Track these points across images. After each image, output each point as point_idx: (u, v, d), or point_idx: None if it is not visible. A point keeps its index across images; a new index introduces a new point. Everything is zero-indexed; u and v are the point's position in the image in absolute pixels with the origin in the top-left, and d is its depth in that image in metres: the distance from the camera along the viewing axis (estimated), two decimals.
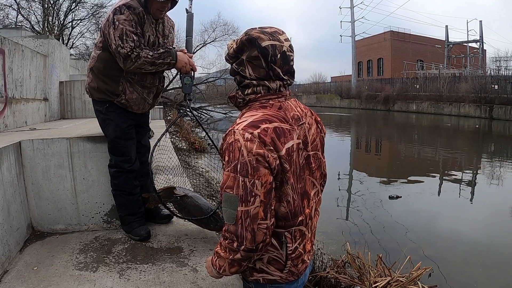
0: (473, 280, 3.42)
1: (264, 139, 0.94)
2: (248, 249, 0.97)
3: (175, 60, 2.04)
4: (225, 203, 0.96)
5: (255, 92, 1.03)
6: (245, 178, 0.93)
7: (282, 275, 1.07)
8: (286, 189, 1.00)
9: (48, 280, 1.73)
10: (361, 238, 4.22)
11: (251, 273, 1.08)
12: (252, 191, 0.93)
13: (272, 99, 1.03)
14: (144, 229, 2.20)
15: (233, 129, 0.98)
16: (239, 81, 1.06)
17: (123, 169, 2.17)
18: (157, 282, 1.73)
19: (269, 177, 0.95)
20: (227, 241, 0.99)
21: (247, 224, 0.94)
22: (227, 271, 1.03)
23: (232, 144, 0.95)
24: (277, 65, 1.01)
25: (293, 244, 1.04)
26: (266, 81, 1.02)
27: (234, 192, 0.94)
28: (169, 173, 2.62)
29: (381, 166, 9.71)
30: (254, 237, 0.95)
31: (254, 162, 0.93)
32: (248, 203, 0.93)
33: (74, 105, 5.15)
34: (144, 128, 2.37)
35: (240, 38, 1.04)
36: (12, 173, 2.07)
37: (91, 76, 2.14)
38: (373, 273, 2.32)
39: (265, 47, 0.99)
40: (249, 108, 1.05)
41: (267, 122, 0.97)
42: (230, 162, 0.95)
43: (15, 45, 3.55)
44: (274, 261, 1.05)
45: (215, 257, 1.06)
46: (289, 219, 1.02)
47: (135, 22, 1.97)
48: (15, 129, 3.32)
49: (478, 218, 5.33)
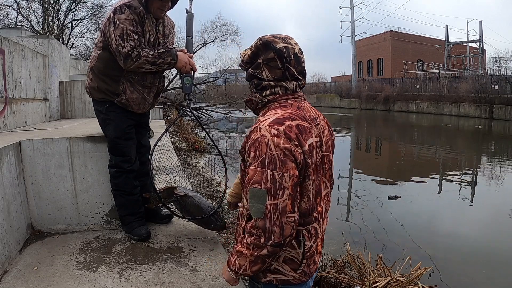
0: (473, 280, 3.42)
1: (290, 135, 0.98)
2: (276, 243, 0.98)
3: (175, 60, 2.04)
4: (253, 198, 0.98)
5: (274, 93, 1.08)
6: (274, 171, 0.96)
7: (296, 275, 1.09)
8: (307, 184, 1.04)
9: (48, 280, 1.73)
10: (361, 238, 4.22)
11: (264, 274, 1.09)
12: (281, 184, 0.96)
13: (290, 99, 1.08)
14: (144, 229, 2.20)
15: (259, 125, 1.01)
16: (257, 84, 1.10)
17: (123, 169, 2.17)
18: (157, 282, 1.73)
19: (295, 170, 0.98)
20: (253, 237, 1.00)
21: (275, 218, 0.96)
22: (248, 270, 1.03)
23: (259, 140, 0.98)
24: (292, 65, 1.06)
25: (309, 243, 1.08)
26: (283, 81, 1.07)
27: (262, 187, 0.96)
28: (169, 173, 2.61)
29: (381, 166, 9.71)
30: (283, 230, 0.97)
31: (281, 155, 0.96)
32: (277, 196, 0.96)
33: (74, 105, 5.15)
34: (144, 128, 2.36)
35: (254, 44, 1.11)
36: (12, 173, 2.07)
37: (91, 76, 2.14)
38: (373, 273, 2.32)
39: (280, 49, 1.06)
40: (268, 108, 1.09)
41: (290, 120, 1.01)
42: (257, 157, 0.98)
43: (15, 45, 3.55)
44: (289, 261, 1.08)
45: (234, 257, 1.06)
46: (307, 215, 1.06)
47: (136, 21, 1.97)
48: (15, 129, 3.33)
49: (478, 218, 5.33)
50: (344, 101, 33.83)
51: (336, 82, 40.01)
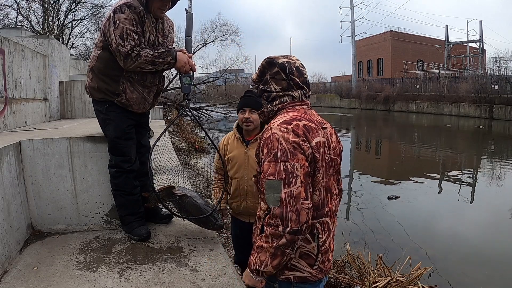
0: (473, 280, 3.42)
1: (297, 132, 1.11)
2: (293, 230, 1.06)
3: (175, 60, 2.04)
4: (269, 189, 1.08)
5: (282, 101, 1.23)
6: (286, 162, 1.07)
7: (312, 272, 1.17)
8: (318, 177, 1.15)
9: (48, 280, 1.73)
10: (361, 238, 4.22)
11: (282, 272, 1.17)
12: (293, 172, 1.07)
13: (298, 105, 1.22)
14: (144, 229, 2.20)
15: (270, 126, 1.15)
16: (267, 96, 1.25)
17: (123, 169, 2.17)
18: (157, 282, 1.73)
19: (305, 161, 1.10)
20: (271, 228, 1.08)
21: (291, 205, 1.05)
22: (269, 265, 1.10)
23: (270, 137, 1.11)
24: (295, 76, 1.22)
25: (323, 236, 1.17)
26: (290, 91, 1.22)
27: (276, 177, 1.07)
28: (169, 173, 2.61)
29: (381, 166, 9.71)
30: (299, 217, 1.06)
31: (291, 148, 1.08)
32: (291, 184, 1.06)
33: (74, 105, 5.16)
34: (144, 128, 2.37)
35: (260, 64, 1.28)
36: (12, 173, 2.07)
37: (91, 76, 2.14)
38: (373, 273, 2.32)
39: (282, 63, 1.22)
40: (278, 114, 1.23)
41: (297, 120, 1.14)
42: (270, 152, 1.10)
43: (15, 45, 3.54)
44: (305, 255, 1.16)
45: (254, 255, 1.14)
46: (320, 208, 1.17)
47: (136, 21, 1.97)
48: (15, 129, 3.32)
49: (478, 218, 5.34)
50: (344, 101, 33.83)
51: (336, 82, 40.01)
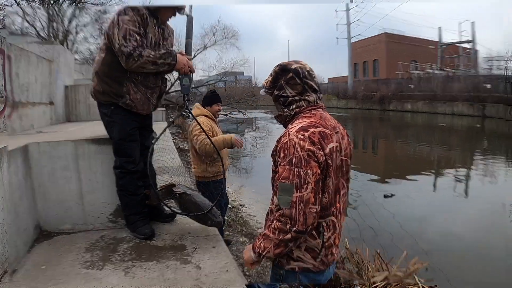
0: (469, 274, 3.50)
1: (313, 139, 1.17)
2: (299, 230, 1.15)
3: (175, 61, 2.10)
4: (282, 192, 1.17)
5: (299, 106, 1.29)
6: (299, 168, 1.14)
7: (315, 263, 1.27)
8: (328, 182, 1.22)
9: (56, 279, 1.75)
10: (358, 234, 4.29)
11: (288, 262, 1.29)
12: (305, 179, 1.14)
13: (313, 109, 1.29)
14: (148, 228, 2.25)
15: (288, 131, 1.22)
16: (283, 101, 1.31)
17: (127, 170, 2.21)
18: (161, 279, 1.76)
19: (318, 169, 1.17)
20: (280, 223, 1.17)
21: (300, 208, 1.14)
22: (271, 252, 1.21)
23: (287, 143, 1.18)
24: (308, 79, 1.28)
25: (328, 234, 1.26)
26: (305, 95, 1.28)
27: (290, 181, 1.15)
28: (171, 173, 2.66)
29: (377, 164, 9.81)
30: (306, 220, 1.14)
31: (306, 156, 1.15)
32: (302, 190, 1.14)
33: (79, 109, 5.16)
34: (147, 131, 2.41)
35: (273, 70, 1.34)
36: (19, 175, 2.10)
37: (96, 80, 2.19)
38: (371, 268, 2.38)
39: (295, 68, 1.29)
40: (296, 118, 1.29)
41: (314, 127, 1.21)
42: (285, 157, 1.17)
43: (21, 50, 3.56)
44: (310, 249, 1.26)
45: (260, 240, 1.23)
46: (327, 209, 1.24)
47: (139, 23, 2.02)
48: (22, 133, 3.34)
49: (473, 214, 5.43)
50: (341, 101, 33.98)
51: (333, 83, 40.13)
